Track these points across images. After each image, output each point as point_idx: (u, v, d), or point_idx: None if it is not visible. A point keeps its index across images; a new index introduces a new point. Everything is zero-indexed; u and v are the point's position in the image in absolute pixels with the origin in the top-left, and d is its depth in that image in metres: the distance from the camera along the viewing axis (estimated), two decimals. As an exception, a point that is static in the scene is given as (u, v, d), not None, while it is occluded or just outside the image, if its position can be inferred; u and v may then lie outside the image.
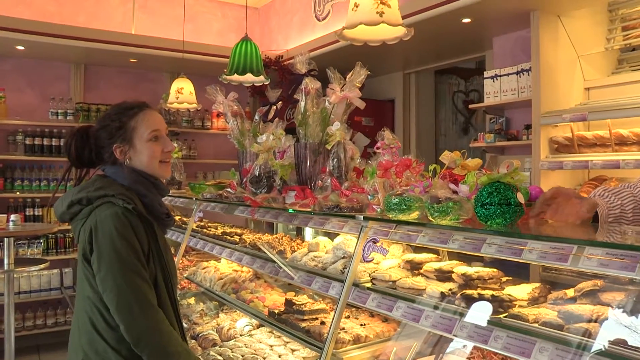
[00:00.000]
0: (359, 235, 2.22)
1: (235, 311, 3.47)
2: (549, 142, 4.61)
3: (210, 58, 6.44)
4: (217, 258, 3.81)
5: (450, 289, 1.89)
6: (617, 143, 4.17)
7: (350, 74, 2.85)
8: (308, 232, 4.57)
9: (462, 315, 1.78)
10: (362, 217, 2.22)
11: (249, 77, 4.12)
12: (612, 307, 1.55)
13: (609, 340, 1.44)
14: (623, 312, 1.53)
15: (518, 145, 5.18)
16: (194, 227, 3.86)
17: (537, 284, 1.91)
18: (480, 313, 1.74)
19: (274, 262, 2.82)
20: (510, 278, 2.03)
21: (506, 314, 1.69)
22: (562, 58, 4.71)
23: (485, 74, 5.28)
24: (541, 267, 3.57)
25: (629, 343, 1.42)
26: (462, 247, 1.82)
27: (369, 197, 2.37)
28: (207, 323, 3.44)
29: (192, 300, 3.92)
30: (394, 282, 2.08)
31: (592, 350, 1.44)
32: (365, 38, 3.00)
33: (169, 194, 4.35)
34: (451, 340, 2.20)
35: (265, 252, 2.93)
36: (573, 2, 4.48)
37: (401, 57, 6.59)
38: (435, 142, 7.89)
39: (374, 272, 2.20)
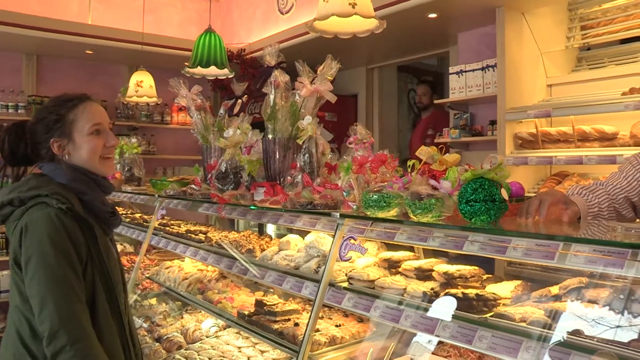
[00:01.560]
0: (335, 233, 2.15)
1: (200, 311, 3.36)
2: (513, 138, 4.64)
3: (171, 51, 6.27)
4: (180, 257, 3.68)
5: (432, 288, 1.83)
6: (580, 139, 4.23)
7: (322, 66, 2.77)
8: (270, 229, 4.47)
9: (443, 314, 1.72)
10: (338, 214, 2.15)
11: (212, 70, 4.00)
12: (598, 304, 1.53)
13: (595, 337, 1.41)
14: (609, 309, 1.50)
15: (483, 141, 5.21)
16: (156, 225, 3.71)
17: (519, 282, 1.88)
18: (463, 312, 1.69)
19: (246, 262, 2.72)
20: (491, 276, 2.00)
21: (492, 313, 1.64)
22: (526, 55, 4.75)
23: (451, 70, 5.29)
24: (506, 262, 3.56)
25: (617, 339, 1.39)
26: (443, 244, 1.77)
27: (344, 193, 2.30)
28: (171, 325, 3.31)
29: (153, 301, 3.77)
30: (372, 281, 2.01)
31: (577, 348, 1.41)
32: (336, 30, 2.93)
33: (129, 192, 4.19)
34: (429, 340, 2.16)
35: (233, 250, 2.83)
36: (536, 0, 4.52)
37: (365, 52, 6.55)
38: (397, 138, 7.92)
39: (350, 271, 2.13)
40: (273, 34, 6.27)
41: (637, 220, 2.26)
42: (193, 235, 3.30)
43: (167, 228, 3.66)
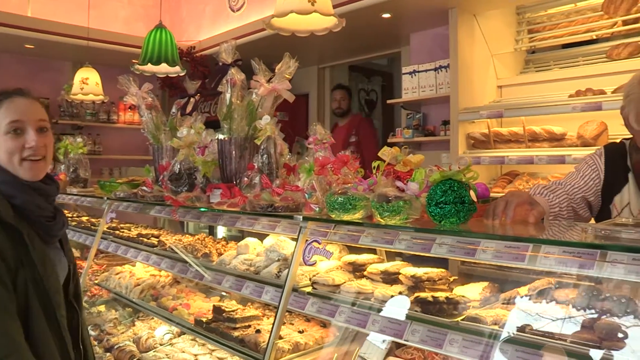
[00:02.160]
0: (298, 236, 2.08)
1: (153, 318, 3.23)
2: (466, 138, 4.70)
3: (117, 47, 6.06)
4: (131, 262, 3.53)
5: (400, 292, 1.80)
6: (530, 139, 4.32)
7: (280, 65, 2.71)
8: (221, 231, 4.37)
9: (413, 319, 1.70)
10: (301, 217, 2.09)
11: (164, 68, 3.86)
12: (566, 304, 1.53)
13: (567, 338, 1.41)
14: (579, 309, 1.51)
15: (435, 141, 5.27)
16: (105, 229, 3.55)
17: (486, 283, 1.87)
18: (431, 315, 1.67)
19: (198, 265, 2.62)
20: (457, 278, 1.98)
21: (463, 317, 1.62)
22: (478, 56, 4.82)
23: (404, 70, 5.32)
24: (459, 261, 3.59)
25: (586, 338, 1.40)
26: (410, 247, 1.74)
27: (306, 195, 2.24)
28: (123, 333, 3.17)
29: (102, 308, 3.61)
30: (338, 286, 1.96)
31: (550, 349, 1.40)
32: (294, 28, 2.88)
33: (74, 194, 4.00)
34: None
35: (187, 256, 2.72)
36: (487, 3, 4.60)
37: (317, 51, 6.52)
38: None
39: (314, 275, 2.07)
40: (224, 32, 6.15)
41: (593, 219, 2.31)
42: (145, 239, 3.17)
43: (117, 232, 3.51)
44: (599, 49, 4.55)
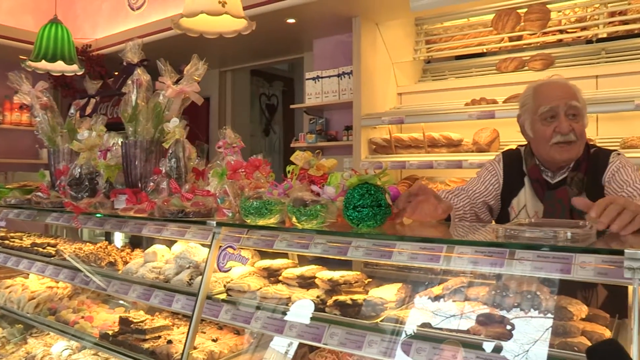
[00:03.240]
0: (212, 242, 2.04)
1: (49, 334, 3.01)
2: (368, 143, 4.84)
3: (1, 40, 5.58)
4: (23, 273, 3.28)
5: (317, 296, 1.81)
6: (430, 145, 4.53)
7: (188, 66, 2.65)
8: (118, 238, 4.18)
9: (331, 322, 1.71)
10: (214, 223, 2.04)
11: (59, 66, 3.64)
12: (479, 302, 1.61)
13: (483, 334, 1.49)
14: (492, 305, 1.60)
15: (338, 146, 5.37)
16: (-7, 238, 3.28)
17: (400, 284, 1.92)
18: (351, 318, 1.69)
19: (102, 275, 2.50)
20: (372, 280, 2.03)
21: (382, 318, 1.66)
22: (379, 63, 4.98)
23: (307, 75, 5.38)
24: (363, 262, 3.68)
25: (498, 332, 1.48)
26: (326, 251, 1.75)
27: (219, 200, 2.20)
28: (13, 352, 2.93)
29: (-15, 326, 3.32)
30: (254, 292, 1.94)
31: (466, 345, 1.47)
32: (203, 29, 2.82)
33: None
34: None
35: (90, 265, 2.58)
36: (389, 12, 4.76)
37: (219, 54, 6.43)
38: (250, 143, 7.90)
39: (228, 282, 2.03)
40: (123, 31, 5.90)
41: (493, 221, 2.46)
42: (41, 249, 2.96)
43: (7, 242, 3.25)
44: (490, 62, 4.86)
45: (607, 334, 1.54)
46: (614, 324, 1.65)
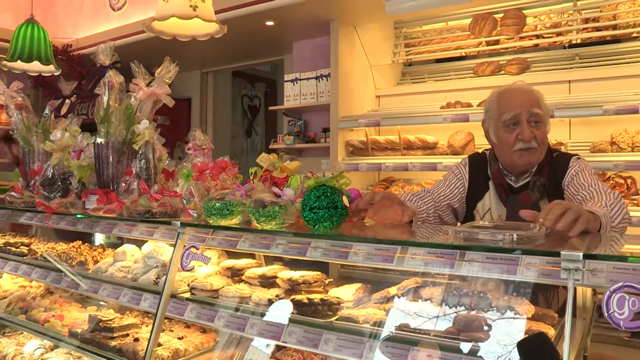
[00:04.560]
0: (176, 242, 2.08)
1: (22, 333, 3.03)
2: (345, 145, 4.89)
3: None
4: (-4, 273, 3.30)
5: (277, 295, 1.86)
6: (405, 147, 4.59)
7: (160, 69, 2.69)
8: (98, 239, 4.20)
9: (290, 320, 1.76)
10: (179, 223, 2.09)
11: (35, 66, 3.66)
12: (431, 301, 1.67)
13: (432, 332, 1.54)
14: (440, 305, 1.65)
15: (316, 148, 5.42)
16: (-34, 239, 3.29)
17: (359, 284, 1.97)
18: (308, 317, 1.74)
19: (73, 274, 2.53)
20: (332, 280, 2.08)
21: (337, 317, 1.71)
22: (357, 66, 5.03)
23: (286, 77, 5.42)
24: (339, 265, 3.73)
25: (443, 330, 1.54)
26: (287, 252, 1.80)
27: (184, 201, 2.25)
28: (-16, 351, 2.95)
29: (-42, 325, 3.33)
30: (216, 290, 1.98)
31: (416, 343, 1.52)
32: (174, 32, 2.86)
33: None
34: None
35: (60, 264, 2.61)
36: (367, 16, 4.82)
37: (200, 56, 6.47)
38: (231, 144, 7.93)
39: (192, 281, 2.08)
40: (104, 31, 5.92)
41: (458, 223, 2.51)
42: (13, 248, 2.98)
43: (-20, 241, 3.27)
44: (467, 65, 4.93)
45: (552, 332, 1.60)
46: (562, 323, 1.71)
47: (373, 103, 5.21)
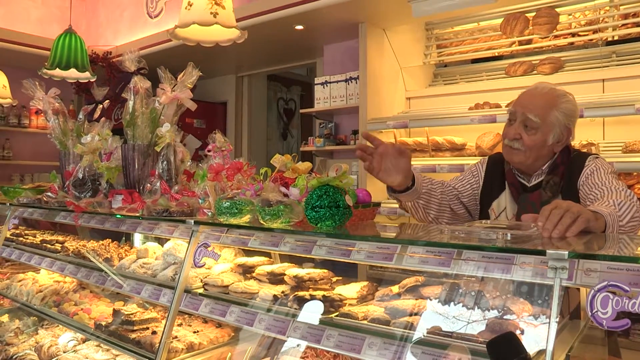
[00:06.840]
0: (190, 240, 2.17)
1: (58, 326, 3.19)
2: (374, 147, 4.90)
3: (28, 49, 5.87)
4: (36, 269, 3.49)
5: (282, 291, 1.92)
6: (434, 149, 4.58)
7: (182, 74, 2.79)
8: (137, 238, 4.36)
9: (295, 316, 1.81)
10: (192, 221, 2.17)
11: (72, 73, 3.84)
12: (430, 299, 1.70)
13: (427, 329, 1.57)
14: (439, 303, 1.68)
15: (346, 150, 5.46)
16: (8, 236, 3.49)
17: (365, 283, 2.01)
18: (312, 313, 1.79)
19: (101, 270, 2.66)
20: (340, 278, 2.12)
21: (337, 313, 1.76)
22: (387, 69, 5.05)
23: (316, 80, 5.48)
24: (368, 265, 3.77)
25: (444, 329, 1.56)
26: (294, 249, 1.85)
27: (200, 200, 2.33)
28: (24, 342, 3.12)
29: (5, 318, 3.53)
30: (226, 286, 2.06)
31: (413, 341, 1.55)
32: (198, 38, 2.95)
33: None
34: (285, 341, 2.23)
35: (90, 261, 2.75)
36: (396, 18, 4.83)
37: (234, 60, 6.60)
38: (266, 146, 8.04)
39: (206, 277, 2.17)
40: (141, 38, 6.12)
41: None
42: (49, 245, 3.15)
43: (21, 238, 3.46)
44: (501, 66, 4.88)
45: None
46: (563, 323, 1.71)
47: (403, 105, 5.22)
